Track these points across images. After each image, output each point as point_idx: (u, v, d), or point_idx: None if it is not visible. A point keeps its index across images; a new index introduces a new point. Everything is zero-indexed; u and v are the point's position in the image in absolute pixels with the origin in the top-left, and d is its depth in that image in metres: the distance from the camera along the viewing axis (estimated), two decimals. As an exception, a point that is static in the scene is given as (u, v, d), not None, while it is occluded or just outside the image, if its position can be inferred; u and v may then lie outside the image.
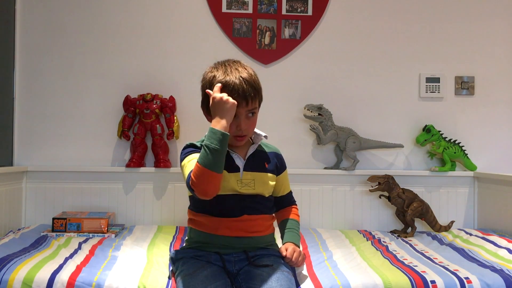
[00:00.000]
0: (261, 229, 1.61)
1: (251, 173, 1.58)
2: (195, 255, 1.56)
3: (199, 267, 1.49)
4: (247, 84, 1.49)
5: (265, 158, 1.64)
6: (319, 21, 2.68)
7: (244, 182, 1.56)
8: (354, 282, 1.60)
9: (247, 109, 1.50)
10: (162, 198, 2.58)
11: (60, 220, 2.26)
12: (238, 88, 1.47)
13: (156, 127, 2.53)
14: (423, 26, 2.72)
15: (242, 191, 1.55)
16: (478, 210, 2.64)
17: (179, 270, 1.53)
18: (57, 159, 2.59)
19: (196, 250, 1.58)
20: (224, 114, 1.42)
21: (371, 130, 2.68)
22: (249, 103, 1.50)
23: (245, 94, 1.48)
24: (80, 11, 2.62)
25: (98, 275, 1.60)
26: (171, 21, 2.65)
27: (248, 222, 1.57)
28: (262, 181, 1.59)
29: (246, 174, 1.57)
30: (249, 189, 1.56)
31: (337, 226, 2.60)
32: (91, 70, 2.62)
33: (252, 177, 1.58)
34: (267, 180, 1.61)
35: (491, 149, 2.73)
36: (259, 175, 1.59)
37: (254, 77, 1.53)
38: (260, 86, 1.56)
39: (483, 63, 2.74)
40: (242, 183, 1.55)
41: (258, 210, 1.59)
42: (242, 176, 1.56)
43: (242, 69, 1.53)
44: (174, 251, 1.64)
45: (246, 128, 1.52)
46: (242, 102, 1.47)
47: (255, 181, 1.57)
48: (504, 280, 1.62)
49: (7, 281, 1.55)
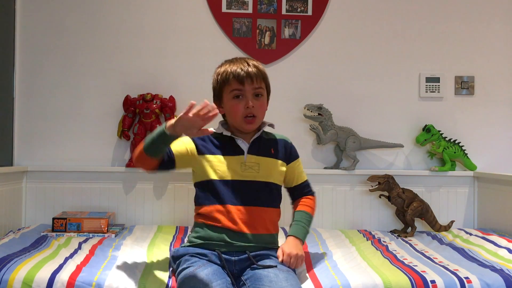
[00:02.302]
0: (267, 225, 1.60)
1: (256, 157, 1.60)
2: (196, 253, 1.56)
3: (200, 266, 1.49)
4: (251, 66, 1.62)
5: (272, 145, 1.67)
6: (319, 21, 2.69)
7: (248, 165, 1.58)
8: (354, 282, 1.60)
9: (253, 86, 1.61)
10: (162, 198, 2.58)
11: (60, 220, 2.26)
12: (243, 69, 1.60)
13: (156, 127, 2.51)
14: (423, 26, 2.72)
15: (245, 174, 1.57)
16: (478, 210, 2.64)
17: (180, 268, 1.53)
18: (57, 159, 2.59)
19: (197, 248, 1.58)
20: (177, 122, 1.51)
21: (371, 130, 2.68)
22: (254, 80, 1.60)
23: (250, 73, 1.60)
24: (80, 11, 2.62)
25: (98, 275, 1.60)
26: (171, 21, 2.65)
27: (253, 214, 1.56)
28: (268, 166, 1.60)
29: (251, 157, 1.60)
30: (252, 172, 1.57)
31: (337, 226, 2.60)
32: (91, 70, 2.62)
33: (257, 161, 1.59)
34: (273, 165, 1.62)
35: (491, 149, 2.73)
36: (264, 160, 1.60)
37: (260, 66, 1.66)
38: (266, 75, 1.68)
39: (483, 63, 2.74)
40: (245, 166, 1.58)
41: (263, 200, 1.59)
42: (246, 159, 1.58)
43: (249, 60, 1.66)
44: (175, 249, 1.64)
45: (254, 106, 1.60)
46: (247, 79, 1.58)
47: (259, 165, 1.58)
48: (504, 280, 1.62)
49: (7, 281, 1.55)
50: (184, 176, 2.54)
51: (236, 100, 1.62)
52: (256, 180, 1.59)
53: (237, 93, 1.62)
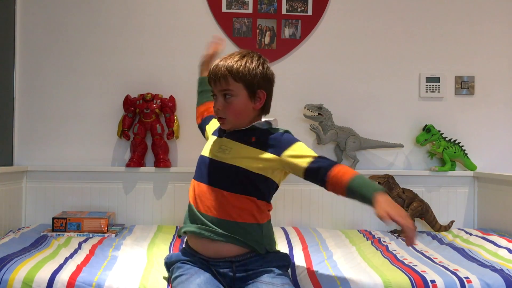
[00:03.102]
0: (229, 210, 1.53)
1: (232, 142, 1.60)
2: (187, 259, 1.56)
3: (192, 274, 1.48)
4: (223, 67, 1.56)
5: (257, 135, 1.59)
6: (319, 21, 2.69)
7: (222, 148, 1.60)
8: (354, 282, 1.60)
9: (220, 88, 1.57)
10: (162, 198, 2.58)
11: (60, 220, 2.26)
12: (215, 68, 1.57)
13: (156, 126, 2.53)
14: (423, 26, 2.72)
15: (217, 154, 1.59)
16: (478, 210, 2.64)
17: (173, 276, 1.53)
18: (57, 159, 2.59)
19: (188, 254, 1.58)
20: None
21: (371, 130, 2.68)
22: (221, 82, 1.56)
23: (216, 74, 1.56)
24: (80, 11, 2.62)
25: (98, 275, 1.60)
26: (171, 21, 2.65)
27: (214, 195, 1.54)
28: (239, 152, 1.56)
29: (228, 142, 1.60)
30: (223, 155, 1.57)
31: (337, 226, 2.60)
32: (91, 70, 2.62)
33: (231, 146, 1.59)
34: (248, 153, 1.55)
35: (491, 149, 2.73)
36: (238, 145, 1.58)
37: (240, 62, 1.56)
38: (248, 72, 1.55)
39: (483, 63, 2.74)
40: (220, 148, 1.60)
41: (227, 184, 1.54)
42: (223, 142, 1.61)
43: (236, 55, 1.60)
44: (169, 255, 1.65)
45: (220, 109, 1.57)
46: (215, 80, 1.57)
47: (232, 150, 1.58)
48: (504, 280, 1.62)
49: (7, 280, 1.55)
50: (184, 176, 2.55)
51: (213, 99, 1.63)
52: (223, 161, 1.57)
53: (212, 93, 1.64)
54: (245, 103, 1.57)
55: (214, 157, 1.59)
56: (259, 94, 1.59)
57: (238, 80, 1.55)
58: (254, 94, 1.58)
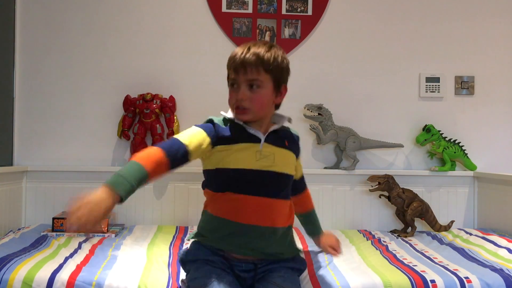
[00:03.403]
0: (282, 217, 1.51)
1: (272, 147, 1.50)
2: (207, 259, 1.47)
3: (214, 278, 1.39)
4: (251, 54, 1.44)
5: (286, 136, 1.58)
6: (319, 21, 2.69)
7: (263, 154, 1.47)
8: (354, 281, 1.60)
9: (246, 77, 1.44)
10: (162, 198, 2.58)
11: (60, 220, 2.26)
12: (239, 54, 1.44)
13: (156, 127, 2.53)
14: (423, 26, 2.72)
15: (260, 163, 1.45)
16: (478, 210, 2.64)
17: (192, 277, 1.44)
18: (57, 159, 2.59)
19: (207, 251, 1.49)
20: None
21: (371, 130, 2.68)
22: (248, 70, 1.44)
23: (244, 61, 1.43)
24: (80, 11, 2.62)
25: (98, 274, 1.60)
26: (171, 21, 2.65)
27: (269, 206, 1.47)
28: (283, 157, 1.52)
29: (266, 146, 1.49)
30: (268, 162, 1.47)
31: (337, 226, 2.60)
32: (91, 70, 2.62)
33: (272, 151, 1.49)
34: (288, 157, 1.54)
35: (491, 149, 2.73)
36: (279, 150, 1.51)
37: (269, 52, 1.46)
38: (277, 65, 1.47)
39: (483, 63, 2.74)
40: (261, 155, 1.47)
41: (278, 192, 1.49)
42: (262, 148, 1.48)
43: (262, 45, 1.48)
44: (184, 252, 1.54)
45: (244, 98, 1.44)
46: (240, 68, 1.44)
47: (275, 155, 1.49)
48: (504, 280, 1.62)
49: (7, 280, 1.55)
50: (184, 176, 2.55)
51: (231, 89, 1.49)
52: (271, 170, 1.47)
53: (232, 82, 1.49)
54: (270, 96, 1.50)
55: (257, 167, 1.46)
56: (282, 88, 1.53)
57: (268, 72, 1.46)
58: (279, 88, 1.52)
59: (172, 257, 1.88)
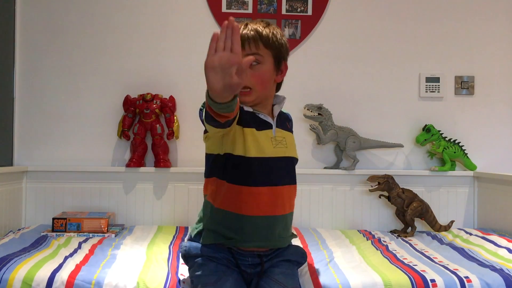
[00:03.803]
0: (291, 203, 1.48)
1: (281, 131, 1.47)
2: (211, 256, 1.44)
3: (220, 276, 1.38)
4: (249, 29, 1.41)
5: (286, 119, 1.57)
6: (319, 21, 2.69)
7: (277, 139, 1.44)
8: (354, 281, 1.60)
9: (245, 53, 1.37)
10: (162, 198, 2.58)
11: (60, 220, 2.26)
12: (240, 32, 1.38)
13: (156, 127, 2.53)
14: (423, 26, 2.72)
15: (276, 149, 1.41)
16: (478, 210, 2.64)
17: (197, 274, 1.42)
18: (57, 159, 2.59)
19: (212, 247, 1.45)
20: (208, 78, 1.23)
21: (371, 130, 2.68)
22: (246, 46, 1.40)
23: (243, 36, 1.39)
24: (80, 11, 2.62)
25: (97, 273, 1.61)
26: (171, 21, 2.65)
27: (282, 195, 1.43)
28: (292, 141, 1.50)
29: (278, 131, 1.46)
30: (282, 148, 1.44)
31: (337, 226, 2.60)
32: (91, 70, 2.62)
33: (283, 135, 1.47)
34: (293, 140, 1.52)
35: (491, 149, 2.73)
36: (288, 134, 1.49)
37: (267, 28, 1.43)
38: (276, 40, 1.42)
39: (483, 63, 2.74)
40: (276, 141, 1.43)
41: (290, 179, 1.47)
42: (275, 133, 1.44)
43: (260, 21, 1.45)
44: (187, 247, 1.48)
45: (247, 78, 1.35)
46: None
47: (286, 140, 1.46)
48: (504, 279, 1.62)
49: (7, 280, 1.56)
50: (184, 176, 2.55)
51: None
52: (286, 156, 1.44)
53: None
54: (271, 73, 1.45)
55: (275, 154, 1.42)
56: (283, 65, 1.48)
57: (268, 47, 1.42)
58: (279, 65, 1.47)
59: (172, 255, 1.88)
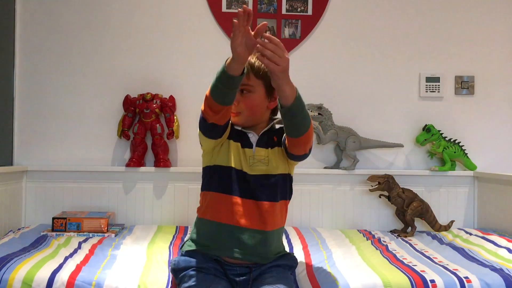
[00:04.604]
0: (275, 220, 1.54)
1: (265, 150, 1.56)
2: (199, 267, 1.48)
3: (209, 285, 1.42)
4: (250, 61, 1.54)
5: (275, 133, 1.62)
6: (319, 20, 2.69)
7: (256, 158, 1.54)
8: (353, 281, 1.60)
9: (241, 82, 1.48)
10: (162, 198, 2.58)
11: (60, 220, 2.26)
12: None
13: (156, 126, 2.53)
14: (423, 26, 2.72)
15: (252, 167, 1.53)
16: (478, 210, 2.64)
17: (186, 286, 1.45)
18: (57, 159, 2.59)
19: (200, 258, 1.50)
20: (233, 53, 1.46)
21: (371, 129, 2.68)
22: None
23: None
24: (80, 11, 2.62)
25: (98, 274, 1.61)
26: (171, 21, 2.65)
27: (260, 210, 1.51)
28: (276, 157, 1.56)
29: (259, 150, 1.56)
30: (261, 166, 1.53)
31: (337, 225, 2.60)
32: (91, 70, 2.62)
33: (266, 154, 1.56)
34: (280, 154, 1.57)
35: (491, 149, 2.73)
36: (272, 151, 1.57)
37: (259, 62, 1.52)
38: (267, 73, 1.48)
39: (483, 63, 2.74)
40: (254, 159, 1.54)
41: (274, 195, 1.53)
42: (254, 152, 1.55)
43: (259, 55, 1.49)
44: (176, 261, 1.55)
45: (236, 103, 1.52)
46: None
47: (269, 158, 1.55)
48: (504, 280, 1.62)
49: (7, 280, 1.56)
50: (184, 176, 2.55)
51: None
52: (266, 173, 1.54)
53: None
54: (261, 100, 1.57)
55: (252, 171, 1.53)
56: (275, 94, 1.56)
57: (259, 77, 1.54)
58: (272, 94, 1.57)
59: (172, 255, 1.88)
